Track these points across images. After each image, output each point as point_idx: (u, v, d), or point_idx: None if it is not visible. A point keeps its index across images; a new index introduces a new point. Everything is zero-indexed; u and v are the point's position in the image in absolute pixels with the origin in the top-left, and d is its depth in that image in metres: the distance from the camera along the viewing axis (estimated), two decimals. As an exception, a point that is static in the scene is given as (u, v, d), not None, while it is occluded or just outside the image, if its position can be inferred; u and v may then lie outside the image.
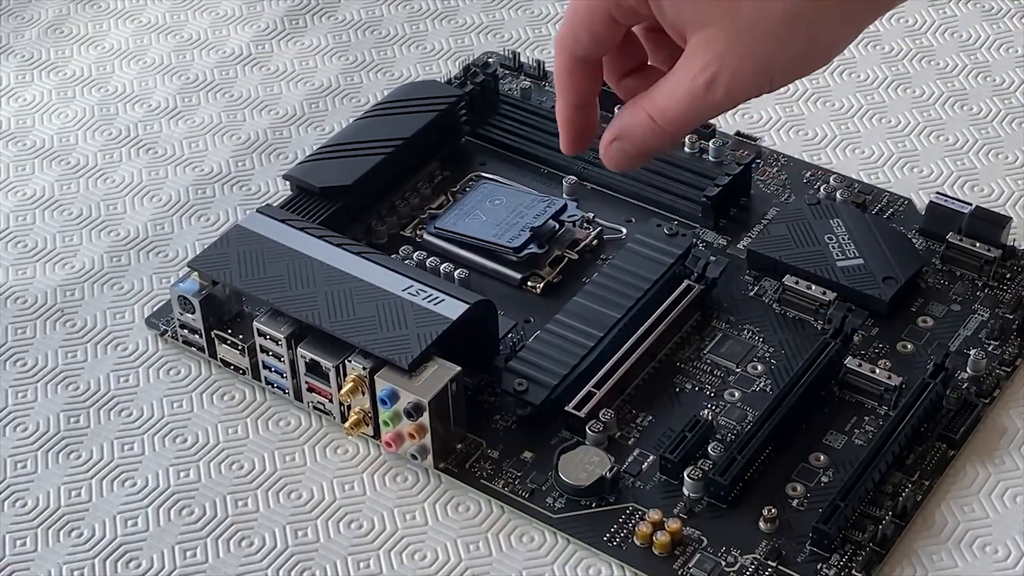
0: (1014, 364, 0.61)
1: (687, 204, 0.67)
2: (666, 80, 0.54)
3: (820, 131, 0.73)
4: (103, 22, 0.83)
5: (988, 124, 0.73)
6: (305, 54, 0.80)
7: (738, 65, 0.52)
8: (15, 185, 0.73)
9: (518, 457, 0.58)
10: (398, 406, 0.57)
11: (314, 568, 0.56)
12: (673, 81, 0.53)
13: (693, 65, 0.52)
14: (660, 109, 0.54)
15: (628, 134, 0.56)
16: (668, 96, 0.54)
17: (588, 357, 0.60)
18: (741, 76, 0.52)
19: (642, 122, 0.55)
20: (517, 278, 0.65)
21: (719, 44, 0.51)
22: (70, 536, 0.57)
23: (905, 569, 0.55)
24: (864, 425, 0.59)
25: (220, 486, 0.59)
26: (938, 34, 0.79)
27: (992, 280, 0.64)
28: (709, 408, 0.59)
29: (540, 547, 0.56)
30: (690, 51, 0.52)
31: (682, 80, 0.53)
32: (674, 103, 0.53)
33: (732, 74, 0.52)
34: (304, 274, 0.60)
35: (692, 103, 0.53)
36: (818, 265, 0.63)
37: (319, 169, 0.67)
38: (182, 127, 0.76)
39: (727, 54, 0.52)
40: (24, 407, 0.62)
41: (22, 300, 0.67)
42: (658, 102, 0.54)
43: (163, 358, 0.64)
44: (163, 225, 0.70)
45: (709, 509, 0.56)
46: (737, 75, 0.52)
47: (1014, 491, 0.57)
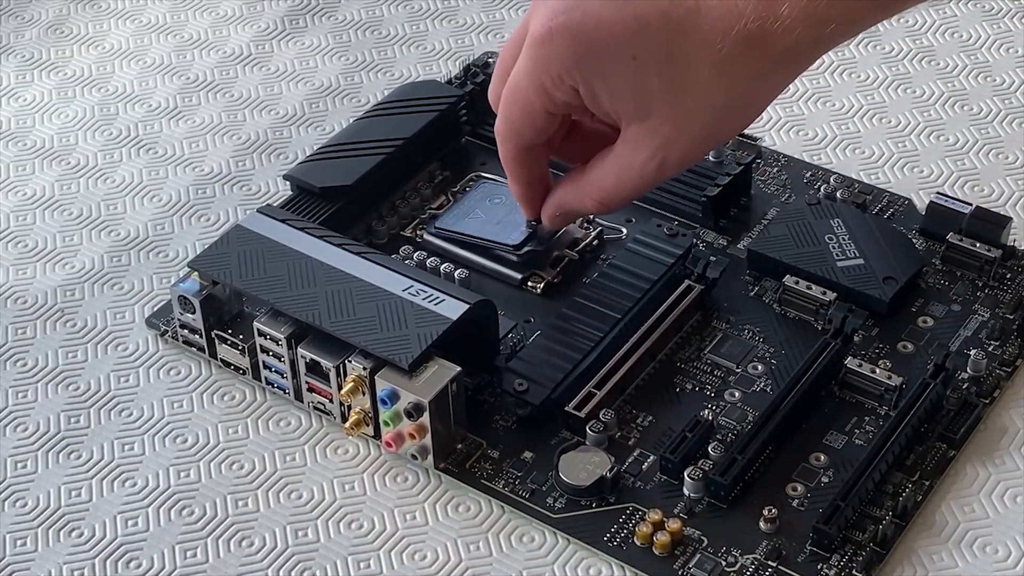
0: (1014, 364, 0.61)
1: (687, 204, 0.67)
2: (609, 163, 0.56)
3: (820, 131, 0.73)
4: (103, 22, 0.83)
5: (988, 124, 0.73)
6: (305, 54, 0.80)
7: (686, 147, 0.54)
8: (15, 185, 0.73)
9: (518, 457, 0.58)
10: (398, 406, 0.57)
11: (314, 568, 0.56)
12: (620, 169, 0.56)
13: (640, 151, 0.54)
14: (608, 192, 0.57)
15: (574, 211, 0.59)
16: (617, 181, 0.56)
17: (588, 357, 0.60)
18: (688, 154, 0.55)
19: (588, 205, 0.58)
20: (517, 278, 0.65)
21: (665, 131, 0.53)
22: (70, 536, 0.57)
23: (905, 569, 0.55)
24: (864, 425, 0.59)
25: (220, 486, 0.59)
26: (938, 34, 0.79)
27: (992, 280, 0.64)
28: (709, 408, 0.59)
29: (540, 547, 0.56)
30: (632, 138, 0.54)
31: (631, 166, 0.55)
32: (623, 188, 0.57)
33: (680, 155, 0.54)
34: (304, 274, 0.60)
35: (644, 183, 0.56)
36: (818, 265, 0.63)
37: (319, 169, 0.67)
38: (182, 127, 0.76)
39: (673, 141, 0.54)
40: (24, 407, 0.62)
41: (22, 300, 0.67)
42: (605, 186, 0.57)
43: (163, 358, 0.64)
44: (163, 225, 0.70)
45: (709, 509, 0.56)
46: (685, 154, 0.55)
47: (1014, 491, 0.57)
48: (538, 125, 0.56)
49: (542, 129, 0.56)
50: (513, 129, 0.56)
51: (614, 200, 0.57)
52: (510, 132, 0.57)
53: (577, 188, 0.58)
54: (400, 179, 0.69)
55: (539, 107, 0.55)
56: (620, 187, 0.56)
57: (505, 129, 0.57)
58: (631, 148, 0.54)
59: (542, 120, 0.56)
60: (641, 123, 0.53)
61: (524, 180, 0.59)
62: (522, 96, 0.55)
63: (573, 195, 0.58)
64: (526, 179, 0.59)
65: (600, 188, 0.57)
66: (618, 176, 0.56)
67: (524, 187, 0.59)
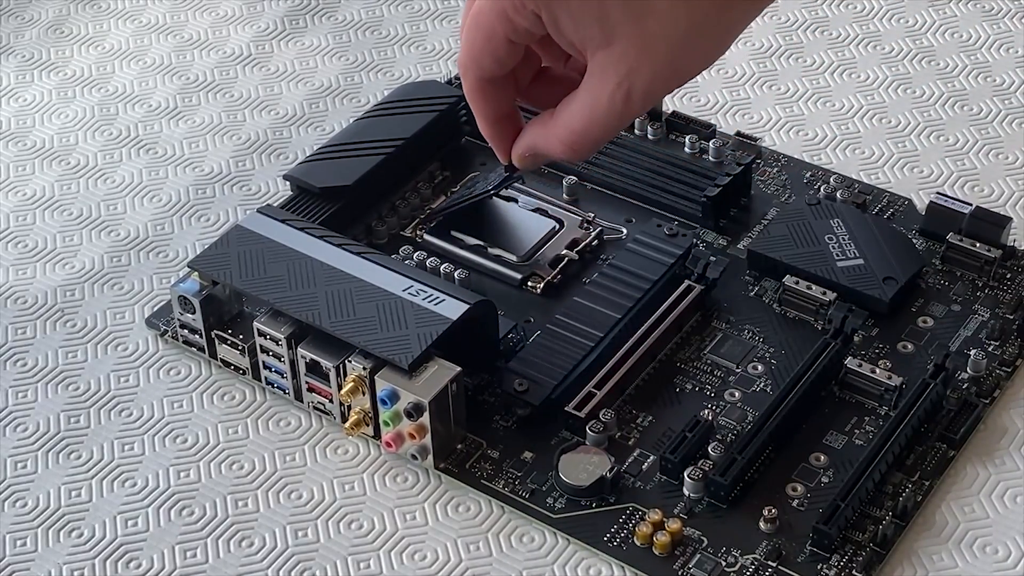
0: (1014, 364, 0.61)
1: (687, 204, 0.67)
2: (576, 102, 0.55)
3: (820, 131, 0.74)
4: (103, 22, 0.83)
5: (988, 124, 0.73)
6: (305, 54, 0.80)
7: (651, 75, 0.53)
8: (15, 185, 0.73)
9: (518, 457, 0.58)
10: (398, 406, 0.57)
11: (314, 568, 0.56)
12: (587, 104, 0.55)
13: (607, 83, 0.53)
14: (576, 132, 0.55)
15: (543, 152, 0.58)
16: (585, 120, 0.55)
17: (588, 357, 0.60)
18: (655, 84, 0.54)
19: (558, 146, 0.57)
20: (517, 278, 0.65)
21: (629, 59, 0.52)
22: (70, 536, 0.57)
23: (905, 569, 0.55)
24: (864, 425, 0.59)
25: (220, 486, 0.59)
26: (938, 34, 0.79)
27: (992, 280, 0.64)
28: (709, 408, 0.59)
29: (540, 547, 0.56)
30: (598, 68, 0.53)
31: (598, 99, 0.54)
32: (593, 123, 0.55)
33: (647, 84, 0.53)
34: (304, 274, 0.60)
35: (610, 120, 0.55)
36: (818, 265, 0.63)
37: (319, 169, 0.67)
38: (182, 127, 0.76)
39: (638, 67, 0.53)
40: (24, 407, 0.62)
41: (22, 300, 0.67)
42: (573, 126, 0.55)
43: (163, 358, 0.64)
44: (163, 225, 0.70)
45: (709, 509, 0.56)
46: (651, 84, 0.53)
47: (1014, 491, 0.57)
48: (499, 54, 0.55)
49: (503, 59, 0.55)
50: (474, 58, 0.56)
51: (581, 141, 0.56)
52: (471, 61, 0.56)
53: (546, 128, 0.57)
54: (400, 179, 0.69)
55: (501, 34, 0.54)
56: (587, 126, 0.55)
57: (466, 59, 0.56)
58: (597, 80, 0.54)
59: (504, 49, 0.55)
60: (604, 51, 0.53)
61: (489, 117, 0.58)
62: (484, 22, 0.54)
63: (541, 136, 0.57)
64: (491, 116, 0.58)
65: (568, 128, 0.56)
66: (585, 113, 0.55)
67: (490, 125, 0.58)
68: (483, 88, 0.56)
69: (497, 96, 0.57)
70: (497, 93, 0.57)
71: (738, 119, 0.74)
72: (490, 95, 0.57)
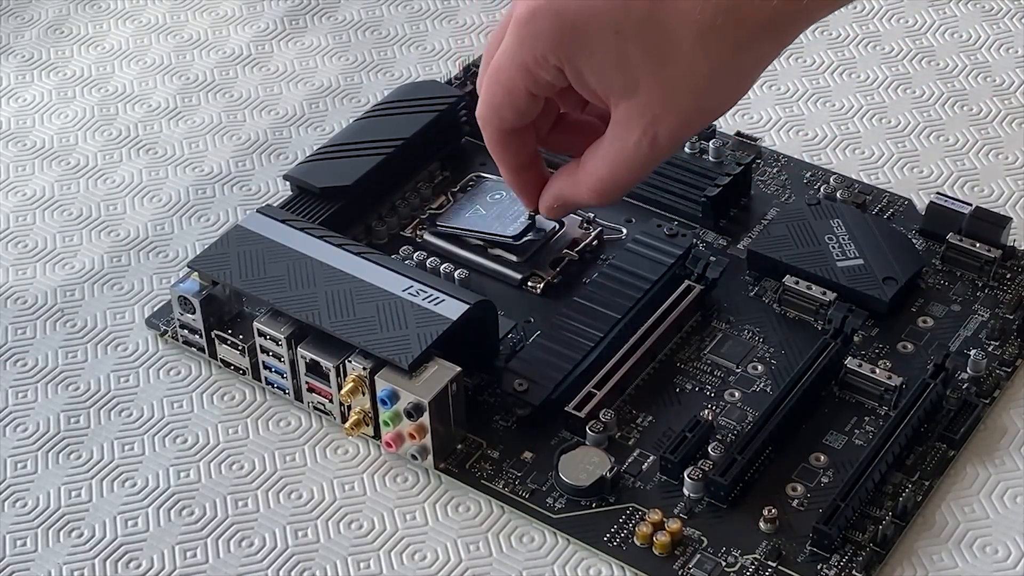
0: (1014, 364, 0.61)
1: (687, 204, 0.67)
2: (602, 150, 0.56)
3: (820, 131, 0.74)
4: (103, 22, 0.83)
5: (988, 124, 0.73)
6: (305, 54, 0.80)
7: (676, 120, 0.54)
8: (15, 185, 0.73)
9: (518, 457, 0.58)
10: (398, 406, 0.57)
11: (314, 568, 0.56)
12: (613, 152, 0.55)
13: (632, 131, 0.54)
14: (604, 181, 0.56)
15: (571, 202, 0.58)
16: (612, 165, 0.56)
17: (588, 357, 0.60)
18: (680, 128, 0.55)
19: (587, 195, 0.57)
20: (517, 278, 0.65)
21: (654, 108, 0.53)
22: (70, 536, 0.57)
23: (905, 569, 0.55)
24: (864, 425, 0.59)
25: (220, 486, 0.59)
26: (938, 34, 0.79)
27: (992, 280, 0.64)
28: (709, 408, 0.59)
29: (540, 547, 0.56)
30: (623, 117, 0.54)
31: (625, 147, 0.55)
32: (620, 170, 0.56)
33: (672, 129, 0.54)
34: (304, 274, 0.60)
35: (638, 165, 0.56)
36: (818, 265, 0.63)
37: (319, 169, 0.67)
38: (182, 127, 0.76)
39: (663, 114, 0.53)
40: (24, 407, 0.62)
41: (22, 300, 0.67)
42: (601, 175, 0.56)
43: (163, 358, 0.64)
44: (163, 225, 0.70)
45: (709, 509, 0.56)
46: (677, 129, 0.54)
47: (1014, 491, 0.57)
48: (520, 107, 0.56)
49: (524, 112, 0.56)
50: (494, 111, 0.56)
51: (610, 188, 0.56)
52: (491, 114, 0.56)
53: (573, 178, 0.58)
54: (400, 179, 0.69)
55: (522, 88, 0.55)
56: (615, 173, 0.56)
57: (486, 111, 0.56)
58: (622, 129, 0.54)
59: (524, 102, 0.55)
60: (629, 100, 0.53)
61: (511, 166, 0.58)
62: (505, 77, 0.55)
63: (569, 185, 0.58)
64: (513, 165, 0.58)
65: (595, 176, 0.56)
66: (612, 161, 0.55)
67: (513, 174, 0.59)
68: (504, 140, 0.57)
69: (518, 146, 0.58)
70: (518, 143, 0.57)
71: (738, 119, 0.74)
72: (511, 145, 0.57)
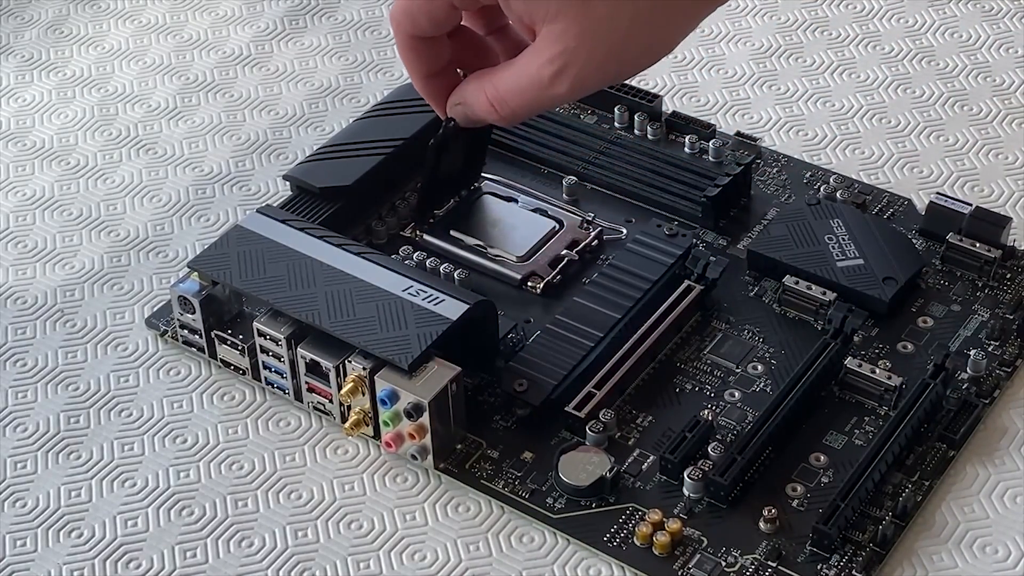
0: (1014, 364, 0.61)
1: (687, 204, 0.67)
2: (510, 67, 0.54)
3: (820, 131, 0.73)
4: (103, 22, 0.83)
5: (988, 124, 0.73)
6: (305, 54, 0.80)
7: (586, 60, 0.52)
8: (15, 185, 0.73)
9: (518, 457, 0.58)
10: (398, 406, 0.57)
11: (314, 568, 0.56)
12: (517, 70, 0.54)
13: (540, 56, 0.53)
14: (501, 97, 0.55)
15: (470, 105, 0.57)
16: (511, 85, 0.54)
17: (588, 357, 0.60)
18: (588, 70, 0.53)
19: (483, 103, 0.56)
20: (517, 278, 0.65)
21: (569, 38, 0.52)
22: (70, 536, 0.57)
23: (905, 569, 0.55)
24: (864, 425, 0.59)
25: (220, 486, 0.59)
26: (938, 34, 0.79)
27: (992, 280, 0.64)
28: (709, 408, 0.59)
29: (540, 547, 0.56)
30: (538, 42, 0.53)
31: (527, 70, 0.53)
32: (516, 93, 0.54)
33: (579, 68, 0.53)
34: (304, 274, 0.60)
35: (535, 94, 0.54)
36: (818, 265, 0.63)
37: (319, 169, 0.67)
38: (182, 127, 0.76)
39: (576, 48, 0.52)
40: (24, 407, 0.62)
41: (22, 300, 0.67)
42: (500, 88, 0.55)
43: (163, 358, 0.64)
44: (163, 225, 0.70)
45: (709, 509, 0.56)
46: (584, 69, 0.53)
47: (1014, 491, 0.57)
48: (437, 17, 0.54)
49: (440, 22, 0.55)
50: (408, 14, 0.54)
51: (504, 105, 0.55)
52: (404, 19, 0.55)
53: (478, 83, 0.56)
54: (400, 179, 0.69)
55: None
56: (512, 91, 0.54)
57: (400, 15, 0.55)
58: (533, 52, 0.53)
59: (443, 12, 0.54)
60: (550, 25, 0.52)
61: (420, 73, 0.57)
62: None
63: (473, 88, 0.57)
64: (422, 72, 0.57)
65: (494, 87, 0.55)
66: (514, 78, 0.54)
67: (422, 80, 0.57)
68: (414, 46, 0.56)
69: (429, 55, 0.56)
70: (429, 51, 0.56)
71: (738, 119, 0.74)
72: (422, 53, 0.56)
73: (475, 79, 0.57)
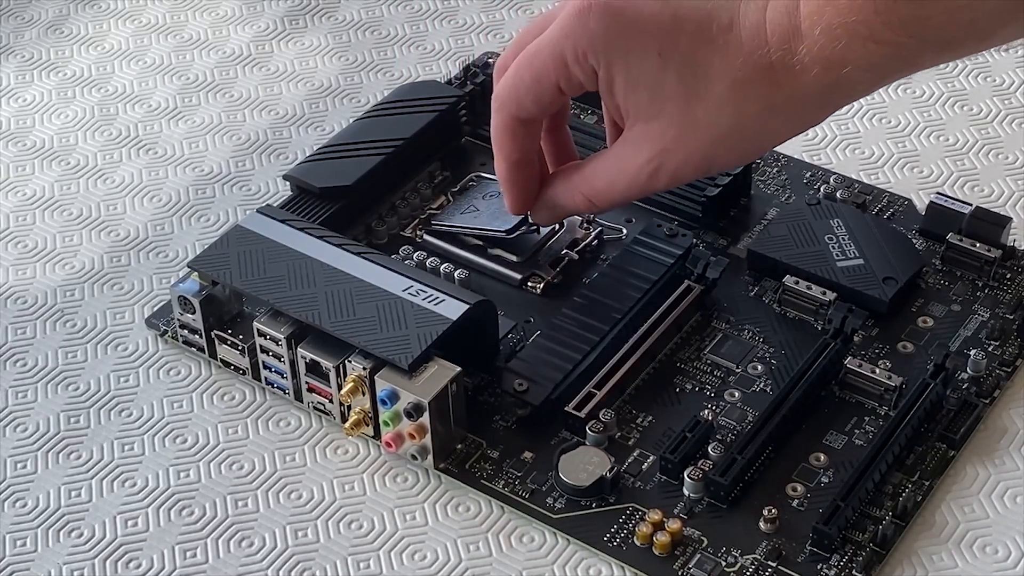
0: (1014, 364, 0.61)
1: (687, 204, 0.67)
2: (605, 162, 0.56)
3: (820, 131, 0.73)
4: (103, 22, 0.83)
5: (988, 124, 0.73)
6: (305, 54, 0.80)
7: (683, 160, 0.54)
8: (15, 185, 0.73)
9: (518, 457, 0.58)
10: (398, 406, 0.57)
11: (314, 568, 0.56)
12: (615, 167, 0.55)
13: (639, 155, 0.54)
14: (599, 192, 0.56)
15: (561, 207, 0.59)
16: (609, 181, 0.56)
17: (588, 357, 0.60)
18: (685, 169, 0.55)
19: (578, 202, 0.58)
20: (517, 278, 0.65)
21: (668, 140, 0.53)
22: (70, 536, 0.57)
23: (905, 569, 0.55)
24: (864, 425, 0.59)
25: (220, 486, 0.59)
26: (938, 34, 0.79)
27: (992, 280, 0.64)
28: (709, 408, 0.59)
29: (540, 547, 0.56)
30: (635, 138, 0.54)
31: (626, 169, 0.55)
32: (615, 188, 0.56)
33: (677, 166, 0.54)
34: (304, 274, 0.60)
35: (633, 189, 0.56)
36: (818, 265, 0.63)
37: (319, 169, 0.67)
38: (182, 127, 0.76)
39: (674, 150, 0.53)
40: (24, 407, 0.62)
41: (22, 300, 0.67)
42: (596, 185, 0.56)
43: (163, 358, 0.64)
44: (163, 225, 0.70)
45: (709, 509, 0.56)
46: (681, 168, 0.54)
47: (1014, 491, 0.57)
48: (543, 99, 0.55)
49: (545, 105, 0.55)
50: (515, 96, 0.55)
51: (602, 199, 0.57)
52: (511, 99, 0.56)
53: (568, 183, 0.57)
54: (400, 179, 0.69)
55: (552, 79, 0.54)
56: (612, 186, 0.56)
57: (507, 95, 0.56)
58: (631, 149, 0.54)
59: (549, 94, 0.55)
60: (647, 123, 0.53)
61: (511, 159, 0.58)
62: (539, 63, 0.54)
63: (563, 189, 0.58)
64: (513, 159, 0.58)
65: (591, 185, 0.56)
66: (613, 174, 0.56)
67: (510, 167, 0.58)
68: (514, 128, 0.56)
69: (524, 138, 0.57)
70: (525, 135, 0.57)
71: (738, 119, 0.74)
72: (518, 136, 0.57)
73: (562, 180, 0.58)
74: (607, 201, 0.57)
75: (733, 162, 0.56)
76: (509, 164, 0.58)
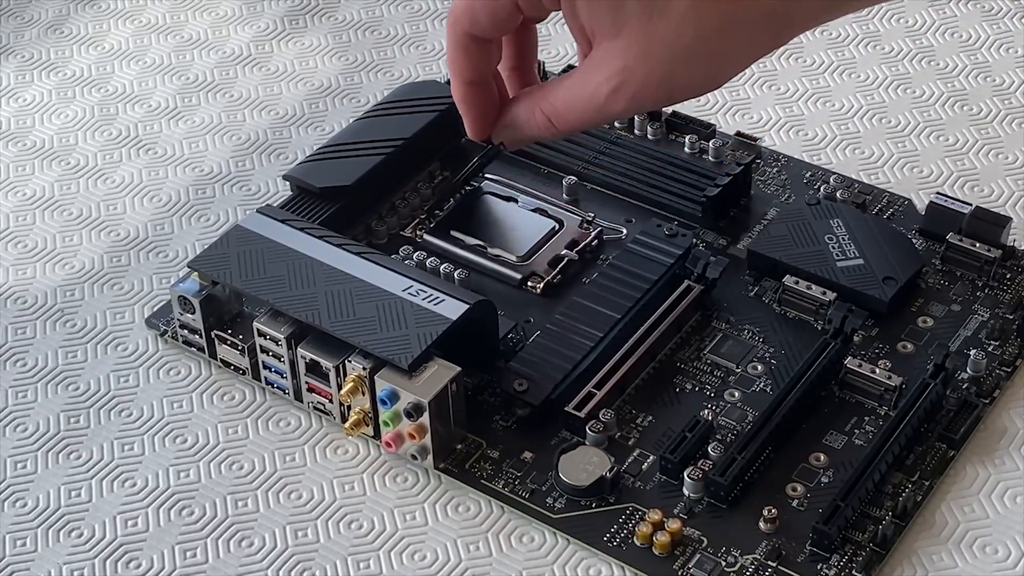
0: (1014, 364, 0.61)
1: (687, 204, 0.67)
2: (566, 81, 0.54)
3: (820, 131, 0.73)
4: (103, 22, 0.83)
5: (988, 124, 0.73)
6: (305, 54, 0.80)
7: (644, 79, 0.53)
8: (15, 185, 0.73)
9: (518, 457, 0.58)
10: (398, 406, 0.57)
11: (314, 568, 0.56)
12: (574, 85, 0.54)
13: (599, 72, 0.53)
14: (557, 111, 0.55)
15: (520, 126, 0.56)
16: (567, 99, 0.54)
17: (588, 357, 0.60)
18: (645, 90, 0.53)
19: (537, 121, 0.55)
20: (517, 278, 0.65)
21: (629, 56, 0.52)
22: (70, 536, 0.57)
23: (905, 569, 0.55)
24: (864, 425, 0.59)
25: (220, 486, 0.59)
26: (938, 34, 0.79)
27: (992, 280, 0.64)
28: (709, 408, 0.59)
29: (540, 547, 0.56)
30: (597, 57, 0.53)
31: (585, 85, 0.53)
32: (573, 107, 0.54)
33: (637, 87, 0.53)
34: (304, 274, 0.60)
35: (591, 109, 0.54)
36: (818, 265, 0.63)
37: (319, 169, 0.67)
38: (182, 127, 0.76)
39: (635, 67, 0.52)
40: (24, 407, 0.62)
41: (22, 300, 0.67)
42: (556, 104, 0.55)
43: (163, 358, 0.64)
44: (163, 225, 0.70)
45: (709, 509, 0.56)
46: (642, 88, 0.53)
47: (1014, 491, 0.57)
48: (499, 17, 0.54)
49: (500, 23, 0.54)
50: (470, 12, 0.54)
51: (561, 119, 0.55)
52: (464, 12, 0.54)
53: (529, 99, 0.56)
54: (400, 179, 0.69)
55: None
56: (569, 105, 0.54)
57: (460, 10, 0.54)
58: (593, 66, 0.53)
59: (505, 13, 0.53)
60: (609, 41, 0.52)
61: (465, 77, 0.56)
62: None
63: (524, 107, 0.56)
64: (468, 76, 0.56)
65: (550, 103, 0.55)
66: (571, 93, 0.54)
67: (465, 86, 0.56)
68: (467, 45, 0.55)
69: (479, 57, 0.55)
70: (479, 54, 0.55)
71: (738, 119, 0.74)
72: (472, 55, 0.55)
73: (525, 98, 0.57)
74: (565, 122, 0.55)
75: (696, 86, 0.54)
76: (463, 84, 0.56)
